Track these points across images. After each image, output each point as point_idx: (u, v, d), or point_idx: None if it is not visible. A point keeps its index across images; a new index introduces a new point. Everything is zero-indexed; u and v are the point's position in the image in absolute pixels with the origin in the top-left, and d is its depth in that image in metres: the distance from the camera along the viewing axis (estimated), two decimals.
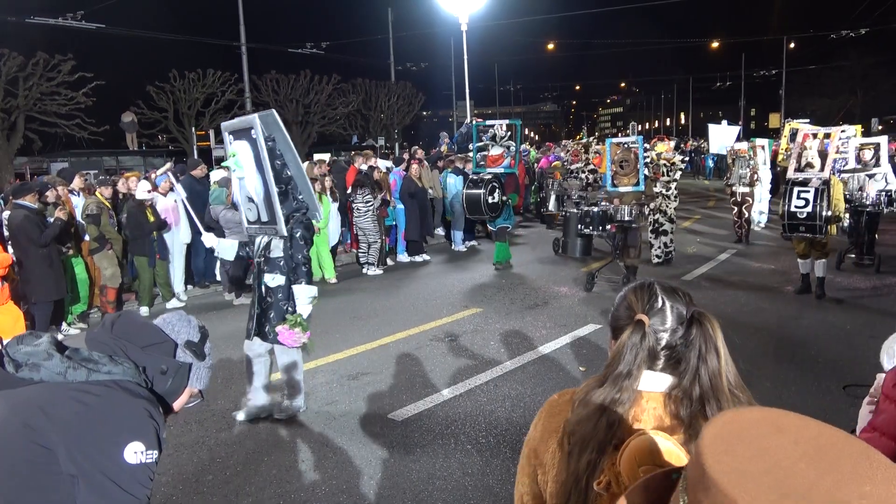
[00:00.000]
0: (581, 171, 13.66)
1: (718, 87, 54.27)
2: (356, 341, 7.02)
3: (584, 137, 30.99)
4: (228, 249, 5.22)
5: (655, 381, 1.30)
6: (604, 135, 64.47)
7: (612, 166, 9.12)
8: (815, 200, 7.56)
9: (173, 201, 8.97)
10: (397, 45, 33.16)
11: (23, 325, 6.04)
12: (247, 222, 5.16)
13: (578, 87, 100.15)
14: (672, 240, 10.58)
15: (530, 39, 73.69)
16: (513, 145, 10.64)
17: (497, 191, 10.30)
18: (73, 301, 8.12)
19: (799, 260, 8.34)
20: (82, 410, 1.61)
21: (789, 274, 9.23)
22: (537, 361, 6.26)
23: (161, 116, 23.81)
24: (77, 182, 9.13)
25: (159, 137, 24.35)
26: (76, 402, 1.62)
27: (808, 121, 17.85)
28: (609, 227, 8.95)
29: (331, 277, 10.27)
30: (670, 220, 10.48)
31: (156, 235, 8.73)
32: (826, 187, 7.68)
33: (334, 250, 11.06)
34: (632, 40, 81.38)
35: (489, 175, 10.36)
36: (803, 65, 45.28)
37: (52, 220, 7.39)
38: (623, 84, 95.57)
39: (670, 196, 10.54)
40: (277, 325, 4.82)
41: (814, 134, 8.81)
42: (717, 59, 62.21)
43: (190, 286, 9.74)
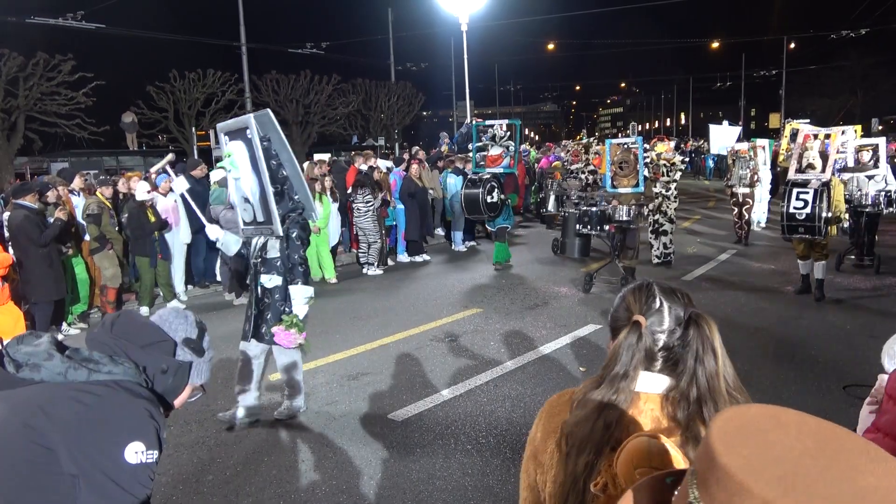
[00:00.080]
0: (581, 171, 13.68)
1: (718, 87, 54.28)
2: (356, 341, 7.02)
3: (584, 138, 30.99)
4: (232, 243, 5.17)
5: (653, 383, 1.30)
6: (604, 135, 64.54)
7: (611, 167, 9.10)
8: (813, 201, 7.52)
9: (173, 201, 8.98)
10: (397, 46, 33.19)
11: (23, 325, 6.04)
12: (243, 223, 5.11)
13: (578, 87, 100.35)
14: (672, 240, 10.54)
15: (530, 39, 73.84)
16: (512, 145, 10.63)
17: (496, 190, 10.27)
18: (73, 301, 8.13)
19: (799, 261, 8.32)
20: (82, 410, 1.61)
21: (789, 274, 9.23)
22: (537, 362, 6.26)
23: (161, 116, 23.81)
24: (77, 182, 9.13)
25: (159, 137, 24.35)
26: (76, 402, 1.62)
27: (808, 121, 17.85)
28: (607, 228, 8.93)
29: (331, 278, 10.27)
30: (670, 221, 10.45)
31: (157, 235, 8.73)
32: (825, 188, 7.62)
33: (334, 250, 11.07)
34: (632, 40, 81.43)
35: (488, 175, 10.34)
36: (803, 65, 45.35)
37: (52, 221, 7.39)
38: (623, 84, 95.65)
39: (670, 197, 10.51)
40: (274, 326, 4.81)
41: (814, 135, 8.78)
42: (717, 60, 62.32)
43: (190, 286, 9.74)
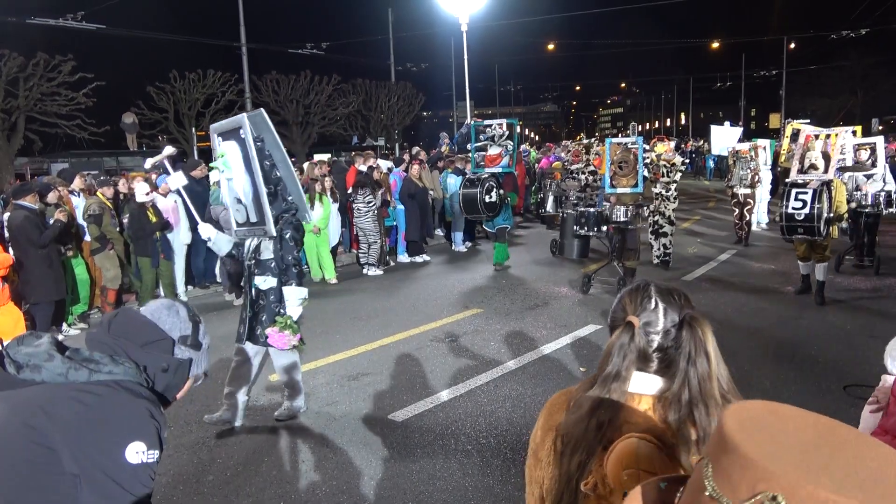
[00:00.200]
0: (581, 171, 13.65)
1: (719, 87, 54.31)
2: (356, 342, 7.02)
3: (584, 139, 31.00)
4: (224, 243, 5.08)
5: (646, 384, 1.30)
6: (604, 135, 64.52)
7: (611, 166, 9.06)
8: (812, 202, 7.44)
9: (174, 202, 8.97)
10: (397, 46, 33.21)
11: (23, 325, 6.04)
12: (235, 224, 5.06)
13: (579, 87, 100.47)
14: (671, 242, 10.46)
15: (530, 39, 73.95)
16: (511, 144, 10.60)
17: (494, 190, 10.24)
18: (73, 301, 8.13)
19: (799, 262, 8.28)
20: (83, 410, 1.61)
21: (789, 275, 9.22)
22: (538, 362, 6.26)
23: (161, 117, 23.83)
24: (77, 183, 9.13)
25: (160, 138, 24.35)
26: (77, 402, 1.62)
27: (809, 121, 17.83)
28: (605, 228, 8.89)
29: (331, 278, 10.27)
30: (670, 222, 10.36)
31: (158, 236, 8.74)
32: (824, 188, 7.56)
33: (335, 251, 11.07)
34: (632, 40, 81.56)
35: (486, 174, 10.31)
36: (804, 65, 45.36)
37: (51, 222, 7.39)
38: (623, 84, 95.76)
39: (669, 198, 10.44)
40: (268, 328, 4.78)
41: (816, 135, 8.74)
42: (717, 60, 62.42)
43: (190, 286, 9.75)
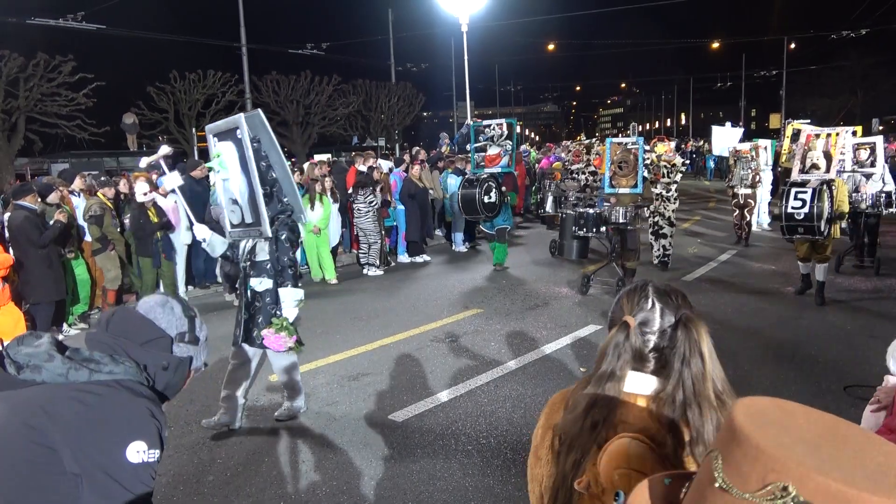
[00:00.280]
0: (581, 171, 13.65)
1: (719, 87, 54.31)
2: (357, 342, 7.02)
3: (584, 139, 30.99)
4: (218, 244, 5.03)
5: (641, 384, 1.30)
6: (604, 135, 64.49)
7: (611, 166, 9.04)
8: (812, 201, 7.42)
9: (174, 202, 8.97)
10: (398, 46, 33.24)
11: (23, 326, 6.03)
12: (230, 225, 5.02)
13: (579, 87, 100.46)
14: (671, 242, 10.40)
15: (530, 40, 74.01)
16: (510, 144, 10.59)
17: (493, 190, 10.22)
18: (73, 302, 8.13)
19: (800, 262, 8.25)
20: (83, 410, 1.61)
21: (789, 275, 9.22)
22: (538, 362, 6.26)
23: (162, 117, 23.85)
24: (78, 183, 9.12)
25: (160, 138, 24.38)
26: (77, 402, 1.62)
27: (809, 121, 17.83)
28: (604, 229, 8.86)
29: (331, 278, 10.27)
30: (669, 223, 10.31)
31: (160, 236, 8.73)
32: (824, 188, 7.53)
33: (335, 251, 11.07)
34: (632, 41, 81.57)
35: (485, 175, 10.29)
36: (804, 65, 45.38)
37: (52, 222, 7.39)
38: (623, 84, 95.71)
39: (670, 198, 10.39)
40: (264, 330, 4.77)
41: (816, 135, 8.73)
42: (717, 60, 62.46)
43: (190, 286, 9.75)
